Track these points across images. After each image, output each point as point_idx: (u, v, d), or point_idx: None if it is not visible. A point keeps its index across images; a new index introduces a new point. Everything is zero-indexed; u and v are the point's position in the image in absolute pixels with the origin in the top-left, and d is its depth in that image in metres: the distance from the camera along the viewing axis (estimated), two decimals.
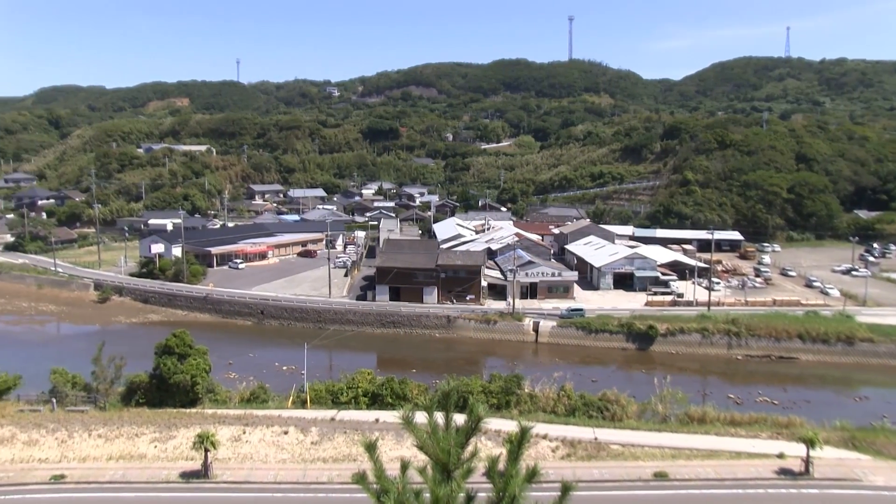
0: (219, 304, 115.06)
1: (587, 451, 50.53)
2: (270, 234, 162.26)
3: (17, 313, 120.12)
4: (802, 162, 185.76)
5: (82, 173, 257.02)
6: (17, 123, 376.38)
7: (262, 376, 76.36)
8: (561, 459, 49.55)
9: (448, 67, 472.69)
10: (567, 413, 59.10)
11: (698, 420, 58.41)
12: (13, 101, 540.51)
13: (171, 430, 54.80)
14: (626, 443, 51.82)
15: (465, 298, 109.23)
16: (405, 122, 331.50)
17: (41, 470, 50.65)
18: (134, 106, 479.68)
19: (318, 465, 50.62)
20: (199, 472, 48.85)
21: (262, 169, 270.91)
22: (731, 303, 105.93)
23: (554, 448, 50.90)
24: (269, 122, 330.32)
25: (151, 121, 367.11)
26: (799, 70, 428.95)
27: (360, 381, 63.24)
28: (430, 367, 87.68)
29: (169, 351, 61.63)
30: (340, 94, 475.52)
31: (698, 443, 52.28)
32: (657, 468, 47.32)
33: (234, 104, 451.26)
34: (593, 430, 54.22)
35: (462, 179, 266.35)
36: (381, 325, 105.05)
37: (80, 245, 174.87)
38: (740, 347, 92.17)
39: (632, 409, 60.09)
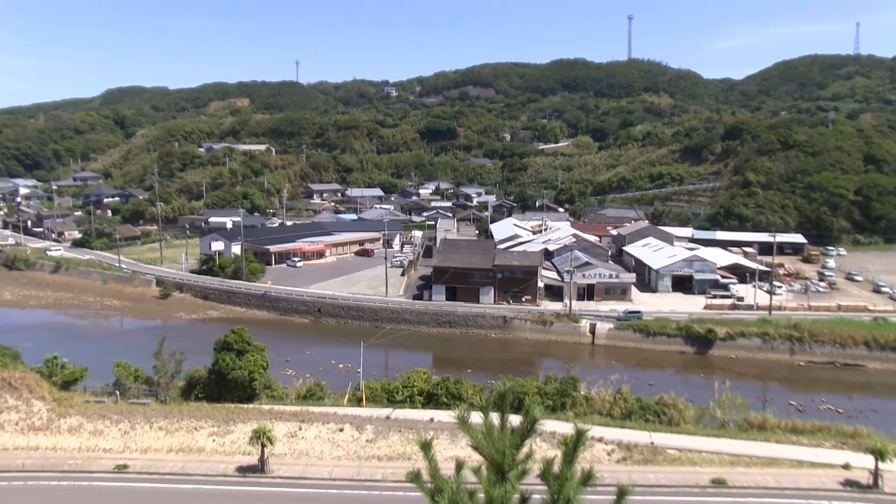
0: (277, 302, 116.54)
1: (643, 456, 49.86)
2: (328, 232, 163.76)
3: (83, 307, 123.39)
4: (871, 163, 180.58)
5: (146, 172, 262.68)
6: (86, 124, 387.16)
7: (318, 374, 77.18)
8: (616, 463, 49.02)
9: (506, 67, 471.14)
10: (623, 416, 58.38)
11: (758, 427, 57.04)
12: (82, 101, 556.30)
13: (228, 425, 55.64)
14: (683, 448, 50.95)
15: (521, 299, 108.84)
16: (463, 122, 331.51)
17: (106, 459, 52.00)
18: (196, 106, 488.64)
19: (372, 462, 50.90)
20: (256, 467, 49.52)
21: (321, 168, 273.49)
22: (794, 307, 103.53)
23: (609, 451, 50.36)
24: (328, 121, 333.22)
25: (212, 121, 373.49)
26: (869, 67, 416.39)
27: (416, 380, 63.42)
28: (485, 367, 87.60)
29: (228, 347, 62.56)
30: (398, 94, 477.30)
31: (758, 450, 51.06)
32: (715, 475, 46.45)
33: (294, 104, 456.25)
34: (650, 435, 53.44)
35: (519, 180, 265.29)
36: (437, 325, 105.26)
37: (143, 242, 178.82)
38: (803, 353, 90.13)
39: (689, 414, 59.07)
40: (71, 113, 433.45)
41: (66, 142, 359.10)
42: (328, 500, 46.03)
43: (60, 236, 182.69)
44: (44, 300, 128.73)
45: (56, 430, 56.63)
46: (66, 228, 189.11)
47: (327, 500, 45.95)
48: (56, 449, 54.13)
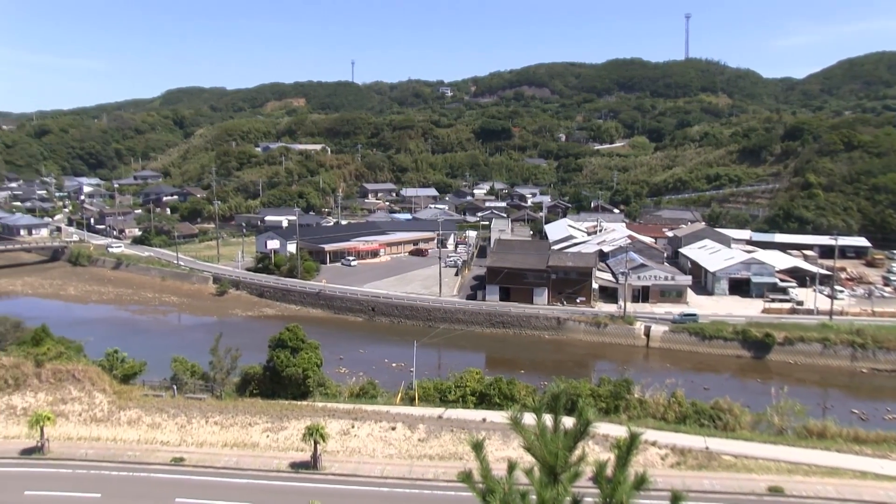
0: (331, 300, 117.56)
1: (698, 461, 49.07)
2: (383, 232, 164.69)
3: (142, 303, 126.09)
4: None
5: (203, 171, 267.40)
6: (146, 124, 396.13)
7: (371, 372, 77.66)
8: (670, 468, 48.35)
9: (561, 67, 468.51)
10: (677, 420, 57.46)
11: (818, 434, 55.42)
12: (143, 102, 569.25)
13: (282, 422, 56.27)
14: (738, 454, 49.92)
15: (575, 300, 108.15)
16: (518, 122, 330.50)
17: (163, 451, 53.07)
18: (253, 106, 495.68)
19: (424, 461, 51.00)
20: (309, 464, 49.99)
21: (376, 168, 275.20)
22: (857, 312, 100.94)
23: (663, 456, 49.68)
24: (383, 121, 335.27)
25: (269, 120, 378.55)
26: None
27: (469, 380, 63.37)
28: (538, 368, 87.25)
29: (282, 344, 63.26)
30: (453, 95, 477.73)
31: (818, 458, 49.64)
32: (772, 482, 45.45)
33: (349, 104, 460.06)
34: (704, 440, 52.52)
35: (574, 180, 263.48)
36: (491, 325, 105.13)
37: (200, 240, 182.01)
38: (866, 360, 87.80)
39: (745, 420, 57.79)
40: (132, 113, 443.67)
41: (127, 141, 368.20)
42: (379, 497, 46.25)
43: (121, 233, 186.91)
44: (105, 296, 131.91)
45: (116, 421, 57.99)
46: (126, 226, 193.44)
47: (378, 498, 46.18)
48: (116, 440, 55.47)
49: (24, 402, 60.37)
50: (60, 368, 62.62)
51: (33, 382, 61.84)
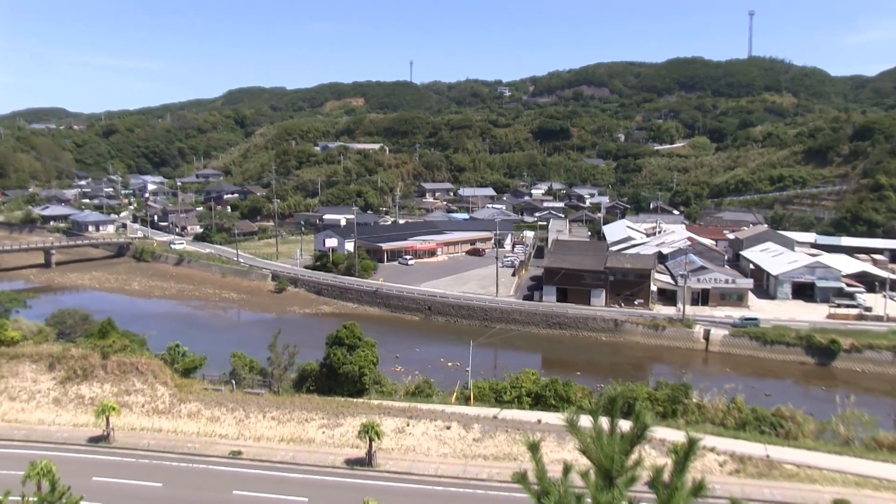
0: (388, 299, 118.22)
1: (758, 469, 48.05)
2: (440, 231, 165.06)
3: (203, 299, 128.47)
4: None
5: (263, 170, 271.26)
6: (208, 123, 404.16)
7: (427, 371, 77.90)
8: (729, 475, 47.47)
9: (620, 67, 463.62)
10: (737, 427, 56.18)
11: (888, 447, 53.04)
12: (205, 102, 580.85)
13: (338, 418, 56.78)
14: (801, 463, 48.57)
15: (633, 302, 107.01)
16: (576, 122, 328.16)
17: (221, 444, 54.06)
18: (312, 106, 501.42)
19: (478, 461, 50.99)
20: (364, 461, 50.36)
21: (434, 167, 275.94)
22: None
23: (721, 462, 48.80)
24: (441, 121, 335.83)
25: (328, 120, 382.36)
26: None
27: (524, 380, 63.14)
28: (594, 370, 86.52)
29: (339, 342, 63.79)
30: (511, 94, 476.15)
31: (888, 472, 47.69)
32: (837, 494, 43.95)
33: (407, 104, 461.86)
34: (765, 447, 51.29)
35: (633, 181, 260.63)
36: (547, 326, 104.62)
37: (259, 237, 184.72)
38: None
39: (809, 428, 56.12)
40: (195, 113, 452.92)
41: (190, 140, 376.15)
42: (433, 496, 46.37)
43: (183, 230, 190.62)
44: (167, 291, 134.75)
45: (177, 414, 59.25)
46: (188, 223, 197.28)
47: (433, 497, 46.30)
48: (177, 432, 56.70)
49: (92, 392, 62.17)
50: (125, 361, 64.22)
51: (100, 374, 63.58)
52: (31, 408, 62.00)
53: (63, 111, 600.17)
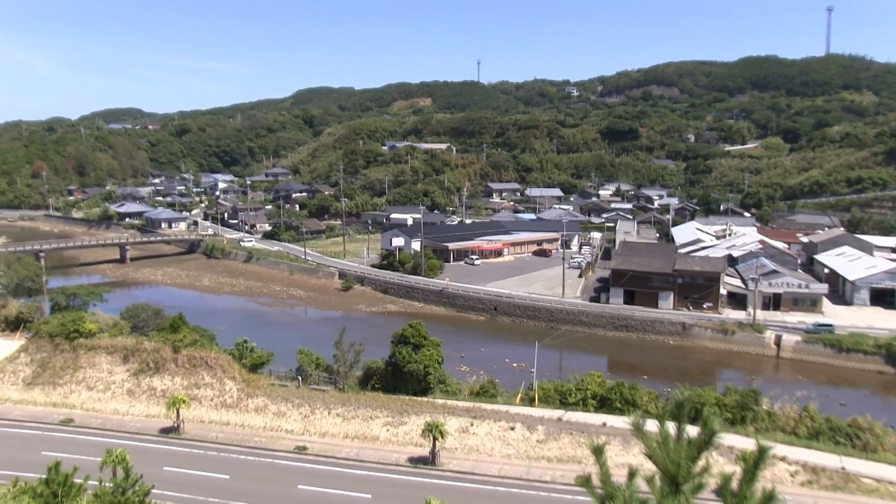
0: (454, 299, 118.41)
1: (832, 481, 46.49)
2: (506, 231, 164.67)
3: (271, 296, 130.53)
4: None
5: (331, 169, 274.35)
6: (278, 123, 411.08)
7: (492, 371, 77.77)
8: (801, 486, 46.20)
9: (691, 66, 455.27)
10: (809, 436, 54.39)
11: None
12: (274, 102, 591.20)
13: (402, 416, 57.12)
14: (881, 478, 46.58)
15: (701, 306, 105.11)
16: (645, 122, 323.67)
17: (287, 440, 54.94)
18: (380, 105, 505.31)
19: (542, 463, 50.75)
20: (427, 459, 50.56)
21: (501, 167, 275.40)
22: None
23: (793, 473, 47.50)
24: (508, 121, 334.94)
25: (395, 119, 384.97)
26: None
27: (590, 383, 62.59)
28: (661, 374, 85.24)
29: (405, 340, 64.11)
30: (579, 94, 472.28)
31: None
32: None
33: (475, 104, 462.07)
34: (840, 459, 49.44)
35: (703, 182, 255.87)
36: (614, 328, 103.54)
37: (327, 236, 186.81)
38: None
39: (889, 441, 53.44)
40: (265, 113, 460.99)
41: (259, 140, 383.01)
42: (496, 497, 46.29)
43: (252, 228, 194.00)
44: (236, 287, 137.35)
45: (244, 408, 60.39)
46: (257, 221, 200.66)
47: (495, 498, 46.22)
48: (244, 426, 57.82)
49: (163, 385, 63.84)
50: (195, 355, 65.73)
51: (171, 367, 65.24)
52: (107, 398, 64.05)
53: (139, 111, 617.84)
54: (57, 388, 66.05)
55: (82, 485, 19.70)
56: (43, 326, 74.55)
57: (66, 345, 70.10)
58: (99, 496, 25.49)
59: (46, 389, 66.12)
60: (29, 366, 69.74)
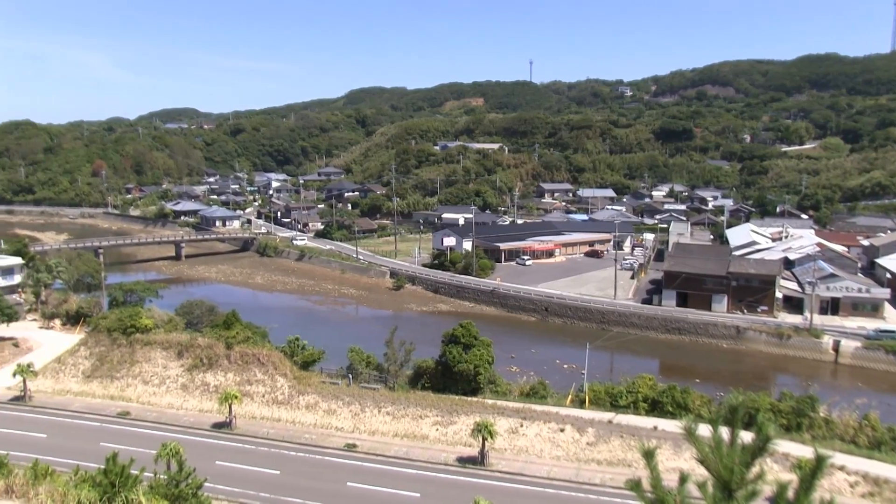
0: (505, 299, 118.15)
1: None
2: (558, 232, 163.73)
3: (322, 294, 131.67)
4: None
5: (383, 168, 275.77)
6: (330, 122, 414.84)
7: (542, 372, 77.45)
8: (861, 497, 44.91)
9: (747, 65, 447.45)
10: (870, 446, 52.74)
11: None
12: (327, 102, 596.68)
13: (452, 416, 57.16)
14: None
15: (756, 309, 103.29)
16: (699, 122, 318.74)
17: (337, 437, 55.37)
18: (432, 105, 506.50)
19: (591, 466, 50.38)
20: (476, 459, 50.52)
21: (553, 168, 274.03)
22: None
23: (853, 483, 46.19)
24: (561, 121, 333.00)
25: (447, 119, 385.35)
26: None
27: (641, 385, 61.97)
28: (714, 378, 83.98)
29: (455, 340, 64.18)
30: (632, 94, 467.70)
31: None
32: None
33: (527, 104, 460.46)
34: None
35: (759, 183, 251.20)
36: (666, 331, 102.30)
37: (378, 235, 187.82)
38: None
39: None
40: (318, 112, 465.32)
41: (312, 139, 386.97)
42: (545, 499, 46.06)
43: (305, 227, 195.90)
44: (288, 285, 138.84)
45: (295, 405, 61.04)
46: (310, 220, 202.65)
47: (544, 500, 45.98)
48: (295, 423, 58.44)
49: (216, 380, 64.84)
50: (247, 352, 66.64)
51: (224, 363, 66.21)
52: (162, 392, 65.31)
53: (194, 111, 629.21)
54: (114, 382, 67.59)
55: (138, 476, 20.16)
56: (101, 321, 76.37)
57: (123, 339, 71.69)
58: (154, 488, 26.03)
59: (104, 382, 67.72)
60: (88, 359, 71.49)
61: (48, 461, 39.05)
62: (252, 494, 45.88)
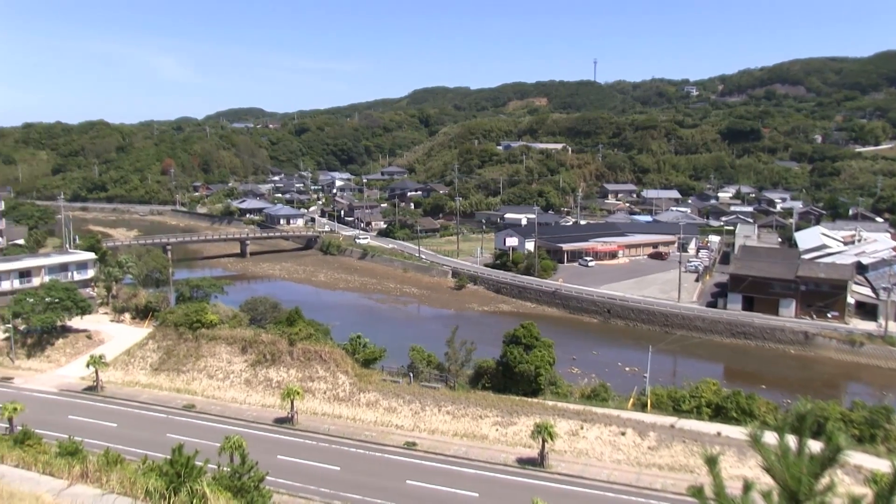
0: (567, 300, 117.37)
1: None
2: (621, 233, 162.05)
3: (384, 293, 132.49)
4: None
5: (446, 168, 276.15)
6: (394, 122, 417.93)
7: (603, 375, 76.73)
8: None
9: (819, 63, 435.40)
10: None
11: None
12: (391, 101, 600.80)
13: (511, 417, 56.99)
14: None
15: (826, 315, 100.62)
16: (768, 122, 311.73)
17: (397, 435, 55.68)
18: (495, 105, 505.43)
19: (652, 470, 49.73)
20: (535, 461, 50.27)
21: (616, 168, 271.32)
22: None
23: None
24: (625, 121, 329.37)
25: (511, 119, 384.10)
26: None
27: (704, 390, 60.91)
28: (780, 384, 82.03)
29: (516, 341, 63.96)
30: (699, 94, 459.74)
31: None
32: None
33: (591, 104, 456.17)
34: None
35: (831, 185, 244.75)
36: (731, 335, 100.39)
37: (441, 234, 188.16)
38: None
39: None
40: (381, 112, 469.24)
41: (376, 139, 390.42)
42: (604, 502, 45.61)
43: (368, 226, 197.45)
44: (351, 284, 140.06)
45: (356, 402, 61.56)
46: (373, 219, 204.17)
47: (604, 503, 45.54)
48: (355, 420, 58.95)
49: (279, 376, 65.81)
50: (310, 348, 67.46)
51: (286, 359, 67.14)
52: (226, 386, 66.54)
53: (260, 111, 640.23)
54: (180, 375, 69.12)
55: (202, 467, 20.57)
56: (169, 316, 78.26)
57: (189, 334, 73.30)
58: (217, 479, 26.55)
59: (171, 375, 69.34)
60: (156, 352, 73.30)
61: (118, 449, 40.55)
62: (312, 489, 46.40)
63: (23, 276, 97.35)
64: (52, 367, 74.88)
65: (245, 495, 26.13)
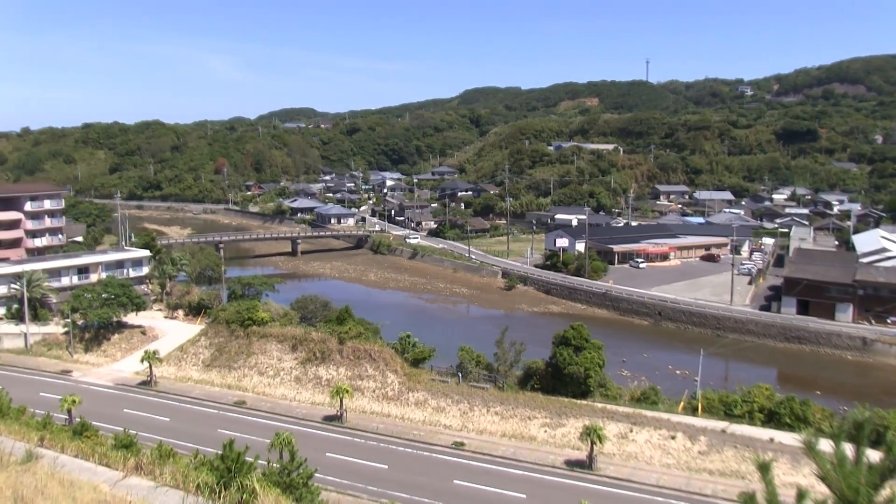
0: (617, 302, 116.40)
1: None
2: (673, 235, 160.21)
3: (434, 292, 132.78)
4: None
5: (497, 168, 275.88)
6: (444, 122, 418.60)
7: (653, 377, 76.01)
8: None
9: (881, 61, 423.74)
10: None
11: None
12: (442, 101, 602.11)
13: (560, 418, 56.70)
14: None
15: (886, 320, 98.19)
16: (825, 122, 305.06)
17: (445, 434, 55.76)
18: (546, 105, 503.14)
19: (703, 475, 49.07)
20: (584, 463, 49.95)
21: (669, 169, 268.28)
22: None
23: None
24: (677, 121, 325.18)
25: (562, 119, 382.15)
26: None
27: (757, 395, 59.90)
28: (837, 391, 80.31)
29: (566, 342, 63.65)
30: (753, 93, 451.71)
31: None
32: None
33: (643, 104, 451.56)
34: None
35: (891, 187, 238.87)
36: (785, 339, 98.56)
37: (491, 235, 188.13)
38: None
39: None
40: (432, 112, 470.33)
41: (426, 139, 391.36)
42: None
43: (418, 225, 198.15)
44: (401, 283, 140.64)
45: (405, 401, 61.82)
46: (423, 218, 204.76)
47: None
48: (404, 419, 59.20)
49: (328, 374, 66.41)
50: (359, 347, 67.93)
51: (336, 357, 67.70)
52: (276, 383, 67.38)
53: (312, 111, 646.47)
54: (232, 372, 70.17)
55: (252, 463, 20.86)
56: (221, 313, 79.50)
57: (240, 331, 74.36)
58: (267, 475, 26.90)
59: (222, 372, 70.43)
60: (208, 349, 74.51)
61: (171, 443, 41.30)
62: (360, 487, 46.70)
63: (81, 273, 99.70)
64: (108, 361, 76.64)
65: (294, 492, 26.40)
